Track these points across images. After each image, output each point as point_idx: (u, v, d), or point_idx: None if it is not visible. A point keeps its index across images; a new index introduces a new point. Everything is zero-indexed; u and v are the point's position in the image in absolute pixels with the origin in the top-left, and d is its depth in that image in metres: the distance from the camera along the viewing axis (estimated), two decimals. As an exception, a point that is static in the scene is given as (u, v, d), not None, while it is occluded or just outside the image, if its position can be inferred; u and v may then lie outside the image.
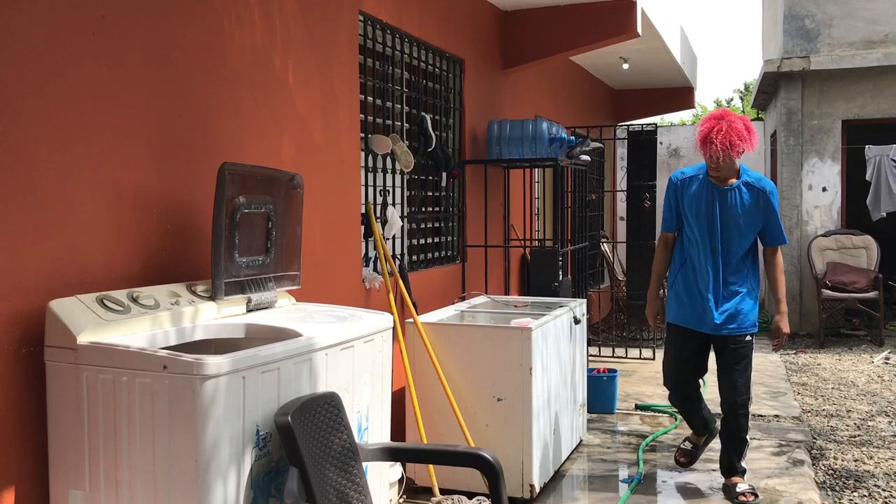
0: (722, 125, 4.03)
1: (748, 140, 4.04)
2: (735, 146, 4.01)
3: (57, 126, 2.57)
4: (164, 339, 2.58)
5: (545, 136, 6.09)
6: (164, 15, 3.01)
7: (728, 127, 4.02)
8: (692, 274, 4.33)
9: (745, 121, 4.10)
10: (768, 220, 4.21)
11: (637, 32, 6.62)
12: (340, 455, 2.60)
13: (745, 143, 4.03)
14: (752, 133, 4.07)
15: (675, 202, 4.37)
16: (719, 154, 4.01)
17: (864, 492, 4.52)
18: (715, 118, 4.10)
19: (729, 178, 4.21)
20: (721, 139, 4.00)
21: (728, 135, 4.00)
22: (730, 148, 4.00)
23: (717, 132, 4.01)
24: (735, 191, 4.19)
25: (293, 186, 3.24)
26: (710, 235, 4.21)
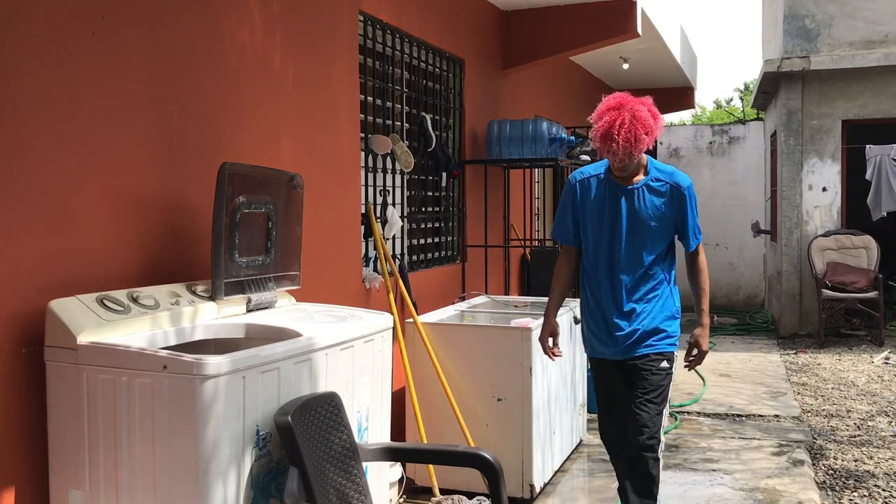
0: (624, 116, 3.28)
1: (654, 129, 3.35)
2: (641, 141, 3.29)
3: (57, 126, 2.57)
4: (163, 339, 2.58)
5: (545, 136, 6.09)
6: (164, 15, 3.01)
7: (631, 118, 3.29)
8: (593, 293, 3.59)
9: (649, 105, 3.42)
10: (684, 220, 3.52)
11: (637, 32, 6.62)
12: (340, 455, 2.60)
13: (651, 135, 3.33)
14: (657, 120, 3.39)
15: (572, 208, 3.59)
16: (623, 152, 3.28)
17: (864, 492, 4.52)
18: (614, 108, 3.34)
19: (635, 176, 3.48)
20: (625, 135, 3.26)
21: (633, 128, 3.27)
22: (634, 144, 3.27)
23: (619, 126, 3.27)
24: (642, 189, 3.47)
25: (293, 186, 3.24)
26: (612, 244, 3.48)
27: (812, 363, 8.07)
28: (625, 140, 3.25)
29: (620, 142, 3.25)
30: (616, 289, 3.48)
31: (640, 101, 3.41)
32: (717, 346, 9.09)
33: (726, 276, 12.64)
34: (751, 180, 12.45)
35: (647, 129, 3.30)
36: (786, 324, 9.76)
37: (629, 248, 3.45)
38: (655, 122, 3.37)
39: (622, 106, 3.32)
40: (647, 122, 3.31)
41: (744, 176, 12.51)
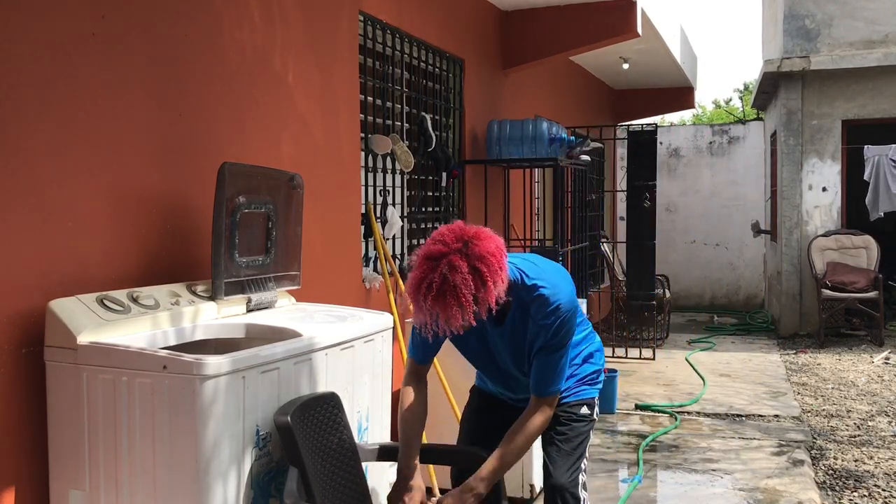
0: (431, 279, 2.27)
1: (471, 299, 2.26)
2: (447, 318, 2.27)
3: (57, 126, 2.57)
4: (163, 339, 2.58)
5: (545, 136, 6.09)
6: (164, 15, 3.01)
7: (441, 283, 2.26)
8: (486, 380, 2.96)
9: (482, 250, 2.30)
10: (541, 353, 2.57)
11: (637, 32, 6.62)
12: (340, 455, 2.60)
13: (467, 306, 2.26)
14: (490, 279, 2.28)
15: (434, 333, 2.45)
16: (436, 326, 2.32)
17: (864, 492, 4.52)
18: (431, 258, 2.31)
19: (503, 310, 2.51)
20: (430, 303, 2.27)
21: (439, 299, 2.26)
22: (447, 319, 2.28)
23: (425, 289, 2.28)
24: (511, 321, 2.60)
25: (293, 186, 3.24)
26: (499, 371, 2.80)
27: (812, 363, 8.07)
28: (430, 310, 2.28)
29: (427, 312, 2.29)
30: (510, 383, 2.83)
31: (473, 255, 2.30)
32: (717, 346, 9.09)
33: (726, 276, 12.65)
34: (751, 180, 12.46)
35: (461, 304, 2.26)
36: (786, 324, 9.77)
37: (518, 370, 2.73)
38: (487, 283, 2.28)
39: (441, 256, 2.30)
40: (462, 295, 2.25)
41: (744, 176, 12.52)
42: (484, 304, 2.30)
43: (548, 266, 2.64)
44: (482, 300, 2.29)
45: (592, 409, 2.89)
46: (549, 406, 2.61)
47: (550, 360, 2.56)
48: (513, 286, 2.49)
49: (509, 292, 2.45)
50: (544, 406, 2.60)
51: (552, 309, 2.50)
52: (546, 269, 2.61)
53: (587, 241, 7.73)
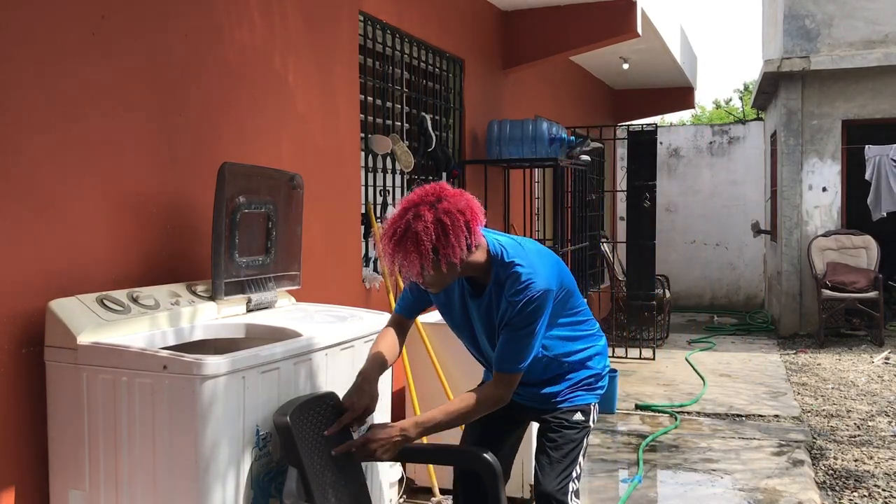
0: (398, 226, 2.34)
1: (448, 243, 2.31)
2: (407, 265, 2.34)
3: (57, 126, 2.57)
4: (163, 339, 2.58)
5: (545, 136, 6.09)
6: (164, 15, 3.01)
7: (405, 230, 2.32)
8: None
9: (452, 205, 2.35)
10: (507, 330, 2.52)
11: (637, 32, 6.62)
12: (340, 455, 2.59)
13: (425, 255, 2.30)
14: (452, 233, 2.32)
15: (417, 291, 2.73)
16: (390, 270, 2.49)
17: (864, 492, 4.52)
18: (404, 207, 2.38)
19: (483, 281, 2.56)
20: (393, 248, 2.35)
21: (400, 244, 2.33)
22: (397, 265, 2.37)
23: (385, 238, 2.38)
24: (488, 298, 2.57)
25: (293, 186, 3.24)
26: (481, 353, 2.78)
27: (812, 363, 8.07)
28: (390, 256, 2.38)
29: (388, 253, 2.38)
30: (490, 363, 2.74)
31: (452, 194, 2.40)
32: (717, 346, 9.10)
33: (726, 276, 12.65)
34: (751, 180, 12.46)
35: (420, 252, 2.31)
36: (786, 324, 9.77)
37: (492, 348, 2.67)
38: (449, 237, 2.32)
39: (411, 206, 2.36)
40: (422, 243, 2.30)
41: (744, 176, 12.52)
42: (445, 257, 2.33)
43: (536, 250, 2.61)
44: (443, 253, 2.32)
45: (588, 416, 2.78)
46: (507, 384, 2.55)
47: (513, 338, 2.50)
48: (493, 260, 2.51)
49: (489, 266, 2.51)
50: (500, 383, 2.55)
51: (522, 286, 2.47)
52: (532, 252, 2.57)
53: (587, 241, 7.73)
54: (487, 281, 2.54)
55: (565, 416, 2.75)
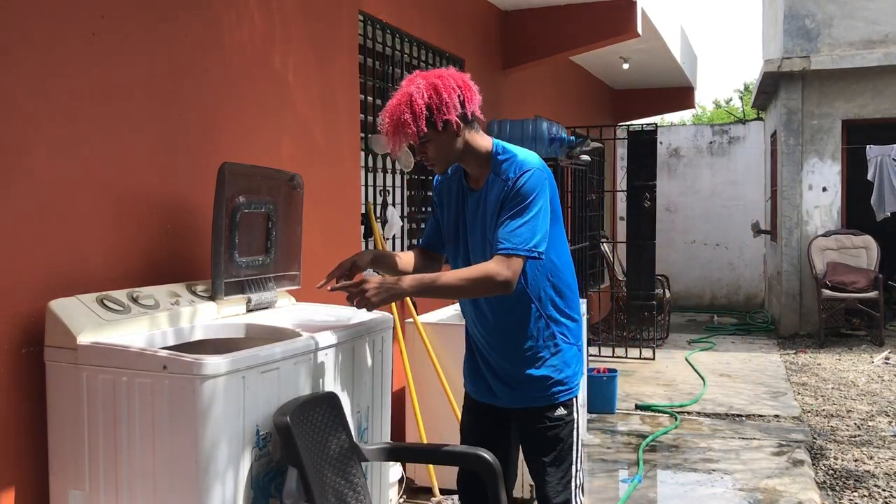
0: (395, 96, 2.51)
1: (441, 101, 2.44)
2: (402, 126, 2.46)
3: (57, 126, 2.57)
4: (163, 339, 2.58)
5: (545, 136, 6.09)
6: (164, 15, 3.01)
7: (399, 96, 2.49)
8: (467, 319, 2.81)
9: (446, 75, 2.49)
10: (503, 215, 2.50)
11: (637, 32, 6.62)
12: (340, 455, 2.59)
13: (418, 112, 2.43)
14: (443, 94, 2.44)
15: (436, 211, 2.86)
16: (390, 144, 2.56)
17: (865, 492, 4.52)
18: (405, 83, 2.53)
19: (481, 175, 2.63)
20: (389, 112, 2.49)
21: (396, 109, 2.47)
22: (392, 132, 2.50)
23: (384, 112, 2.53)
24: (485, 191, 2.60)
25: (293, 186, 3.24)
26: (465, 262, 2.71)
27: (812, 363, 8.07)
28: (387, 126, 2.51)
29: (384, 129, 2.52)
30: (481, 319, 2.70)
31: (433, 73, 2.51)
32: (717, 346, 9.10)
33: (726, 276, 12.65)
34: (751, 180, 12.46)
35: (413, 111, 2.43)
36: (786, 324, 9.77)
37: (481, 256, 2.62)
38: (442, 95, 2.44)
39: (409, 83, 2.50)
40: (415, 101, 2.43)
41: (744, 176, 12.52)
42: (440, 116, 2.44)
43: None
44: (437, 112, 2.44)
45: (570, 409, 2.68)
46: (506, 265, 2.43)
47: (516, 223, 2.46)
48: (495, 148, 2.61)
49: (490, 157, 2.59)
50: (499, 262, 2.44)
51: (520, 168, 2.52)
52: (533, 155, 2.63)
53: (587, 241, 7.73)
54: (483, 182, 2.60)
55: (546, 414, 2.66)
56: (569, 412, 2.67)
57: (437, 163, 2.60)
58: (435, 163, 2.60)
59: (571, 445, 2.68)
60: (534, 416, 2.67)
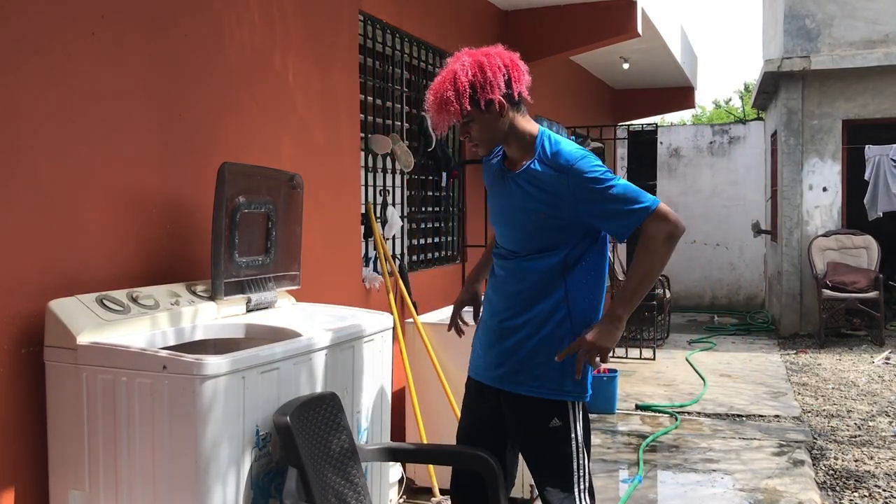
0: (440, 73, 2.52)
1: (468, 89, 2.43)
2: (446, 104, 2.44)
3: (57, 126, 2.57)
4: (163, 339, 2.58)
5: (545, 136, 6.08)
6: (164, 15, 3.01)
7: (444, 72, 2.49)
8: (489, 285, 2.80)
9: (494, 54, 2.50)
10: (590, 209, 2.48)
11: (637, 32, 6.62)
12: (340, 455, 2.59)
13: (462, 95, 2.42)
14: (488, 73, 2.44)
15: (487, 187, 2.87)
16: (433, 121, 2.52)
17: (865, 492, 4.52)
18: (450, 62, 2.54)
19: (521, 159, 2.60)
20: (432, 97, 2.49)
21: (440, 88, 2.46)
22: (436, 110, 2.47)
23: (430, 89, 2.52)
24: (523, 175, 2.57)
25: (293, 186, 3.24)
26: (500, 239, 2.73)
27: (812, 363, 8.06)
28: (431, 104, 2.48)
29: (429, 106, 2.50)
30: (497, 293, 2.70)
31: (481, 51, 2.51)
32: (718, 346, 9.09)
33: (726, 276, 12.64)
34: (751, 180, 12.46)
35: (456, 89, 2.41)
36: (786, 324, 9.77)
37: (512, 247, 2.64)
38: (486, 73, 2.43)
39: (456, 60, 2.50)
40: (459, 79, 2.41)
41: (744, 176, 12.52)
42: (483, 94, 2.42)
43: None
44: (480, 90, 2.42)
45: (566, 419, 2.54)
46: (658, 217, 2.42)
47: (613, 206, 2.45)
48: (542, 134, 2.63)
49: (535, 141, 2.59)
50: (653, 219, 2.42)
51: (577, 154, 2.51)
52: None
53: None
54: (522, 165, 2.57)
55: (537, 425, 2.56)
56: (564, 423, 2.55)
57: (481, 143, 2.59)
58: (479, 143, 2.58)
59: (573, 451, 2.55)
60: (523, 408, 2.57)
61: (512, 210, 2.61)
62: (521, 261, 2.59)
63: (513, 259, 2.62)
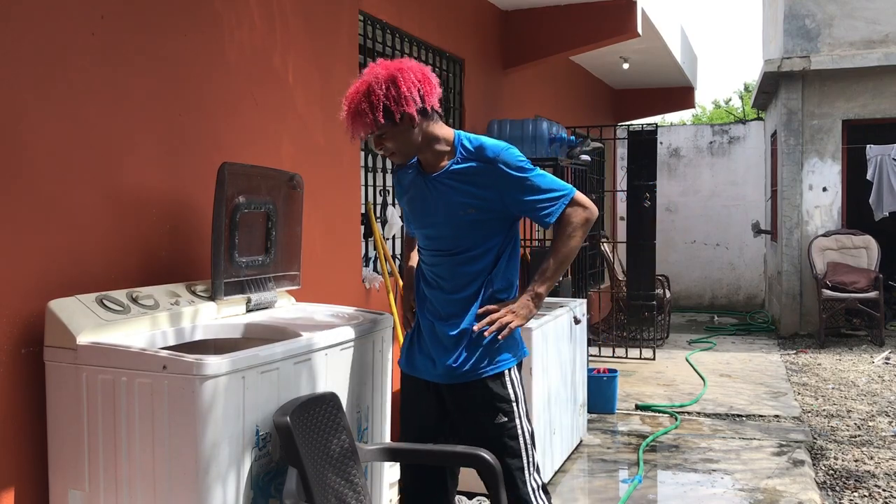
0: (354, 85, 2.55)
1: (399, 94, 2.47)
2: (360, 116, 2.49)
3: (57, 126, 2.57)
4: (163, 339, 2.58)
5: (545, 136, 6.09)
6: (164, 15, 3.01)
7: (358, 86, 2.53)
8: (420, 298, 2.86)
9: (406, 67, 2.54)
10: (516, 198, 2.62)
11: (637, 32, 6.62)
12: (340, 455, 2.59)
13: (376, 108, 2.47)
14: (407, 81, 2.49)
15: (398, 197, 2.94)
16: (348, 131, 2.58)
17: (865, 492, 4.52)
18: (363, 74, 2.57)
19: (440, 162, 2.66)
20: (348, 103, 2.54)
21: (354, 98, 2.51)
22: (350, 120, 2.54)
23: (344, 101, 2.57)
24: (445, 175, 2.65)
25: (293, 186, 3.24)
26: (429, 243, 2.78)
27: (812, 363, 8.06)
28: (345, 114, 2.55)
29: (343, 116, 2.56)
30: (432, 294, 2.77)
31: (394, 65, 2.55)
32: (718, 346, 9.09)
33: (726, 276, 12.64)
34: (751, 180, 12.46)
35: (371, 102, 2.46)
36: (786, 324, 9.77)
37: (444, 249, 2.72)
38: (401, 88, 2.47)
39: (370, 72, 2.54)
40: (374, 92, 2.47)
41: (744, 176, 12.52)
42: (398, 108, 2.47)
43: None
44: (395, 103, 2.47)
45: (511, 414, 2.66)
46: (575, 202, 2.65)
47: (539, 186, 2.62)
48: (458, 137, 2.67)
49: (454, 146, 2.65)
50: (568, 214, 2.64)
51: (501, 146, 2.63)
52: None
53: (587, 240, 7.73)
54: (441, 168, 2.66)
55: (484, 416, 2.68)
56: (510, 419, 2.67)
57: (398, 154, 2.65)
58: (396, 154, 2.64)
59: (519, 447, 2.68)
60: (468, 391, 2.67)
61: (439, 210, 2.69)
62: (455, 259, 2.69)
63: (447, 258, 2.71)
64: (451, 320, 2.69)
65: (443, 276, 2.73)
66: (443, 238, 2.71)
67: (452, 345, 2.68)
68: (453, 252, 2.69)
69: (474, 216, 2.64)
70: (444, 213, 2.68)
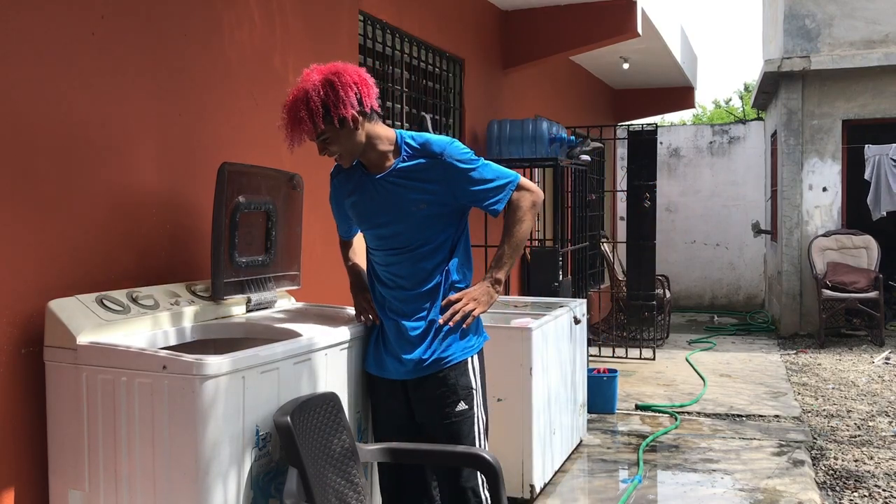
0: (291, 93, 2.59)
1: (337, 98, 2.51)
2: (299, 123, 2.54)
3: (56, 126, 2.57)
4: (163, 339, 2.58)
5: (545, 136, 6.09)
6: (163, 15, 3.01)
7: (295, 93, 2.57)
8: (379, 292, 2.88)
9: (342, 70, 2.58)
10: (465, 190, 2.71)
11: (637, 32, 6.62)
12: (340, 455, 2.59)
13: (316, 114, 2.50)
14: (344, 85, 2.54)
15: (335, 202, 2.95)
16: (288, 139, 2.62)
17: (865, 492, 4.52)
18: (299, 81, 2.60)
19: (384, 162, 2.72)
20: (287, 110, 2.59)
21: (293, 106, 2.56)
22: (290, 129, 2.58)
23: (282, 108, 2.62)
24: (392, 174, 2.70)
25: (293, 186, 3.24)
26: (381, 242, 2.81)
27: (812, 363, 8.06)
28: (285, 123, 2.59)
29: (283, 125, 2.61)
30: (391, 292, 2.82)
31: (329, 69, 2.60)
32: (718, 346, 9.09)
33: (726, 276, 12.64)
34: (751, 180, 12.46)
35: (309, 108, 2.50)
36: (786, 324, 9.76)
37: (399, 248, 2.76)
38: (339, 92, 2.51)
39: (306, 79, 2.58)
40: (311, 99, 2.50)
41: (744, 176, 12.52)
42: (337, 112, 2.52)
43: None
44: (333, 107, 2.51)
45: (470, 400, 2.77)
46: (522, 187, 2.77)
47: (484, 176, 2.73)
48: (400, 137, 2.75)
49: (397, 146, 2.73)
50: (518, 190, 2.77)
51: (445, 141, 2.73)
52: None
53: (587, 241, 7.73)
54: (387, 167, 2.71)
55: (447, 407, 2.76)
56: (469, 407, 2.78)
57: (343, 157, 2.68)
58: (341, 156, 2.68)
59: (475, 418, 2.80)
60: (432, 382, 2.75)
61: (391, 209, 2.73)
62: (412, 255, 2.75)
63: (404, 255, 2.76)
64: (415, 316, 2.75)
65: (401, 275, 2.77)
66: (397, 236, 2.75)
67: (418, 339, 2.74)
68: (410, 248, 2.74)
69: (426, 211, 2.71)
70: (396, 212, 2.72)
